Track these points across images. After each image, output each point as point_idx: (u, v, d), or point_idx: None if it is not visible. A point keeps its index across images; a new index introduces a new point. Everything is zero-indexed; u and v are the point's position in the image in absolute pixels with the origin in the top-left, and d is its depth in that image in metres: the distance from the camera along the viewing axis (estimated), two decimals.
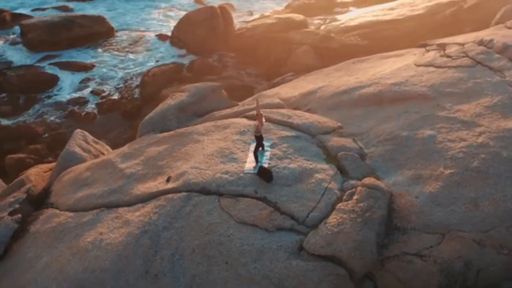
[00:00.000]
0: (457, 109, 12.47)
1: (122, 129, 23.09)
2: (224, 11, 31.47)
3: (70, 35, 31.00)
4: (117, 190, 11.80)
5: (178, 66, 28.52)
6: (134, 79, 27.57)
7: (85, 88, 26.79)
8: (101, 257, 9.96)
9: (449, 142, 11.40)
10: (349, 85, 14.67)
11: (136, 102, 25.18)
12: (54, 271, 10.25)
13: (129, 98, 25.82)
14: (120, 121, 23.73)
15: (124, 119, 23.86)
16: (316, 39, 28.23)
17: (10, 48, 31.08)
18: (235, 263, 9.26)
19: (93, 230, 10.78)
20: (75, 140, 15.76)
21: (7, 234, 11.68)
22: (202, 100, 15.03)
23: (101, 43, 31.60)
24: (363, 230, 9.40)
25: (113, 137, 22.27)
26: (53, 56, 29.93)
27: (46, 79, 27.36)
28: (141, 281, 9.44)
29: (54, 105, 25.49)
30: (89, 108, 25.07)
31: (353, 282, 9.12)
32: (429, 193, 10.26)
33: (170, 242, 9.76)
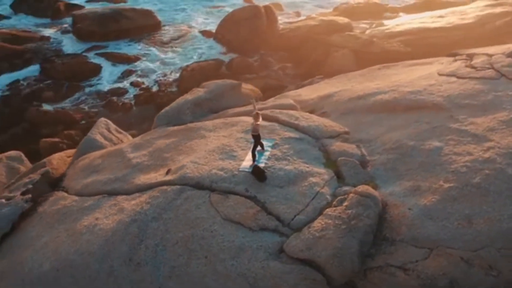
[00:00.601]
0: (470, 121, 12.00)
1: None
2: (269, 11, 31.59)
3: (118, 27, 32.05)
4: (120, 178, 12.14)
5: (218, 63, 28.88)
6: (173, 73, 28.15)
7: (126, 79, 27.61)
8: (92, 241, 10.29)
9: (455, 155, 11.00)
10: (366, 90, 14.41)
11: (172, 96, 25.66)
12: (49, 251, 10.67)
13: (166, 92, 26.39)
14: (155, 113, 24.16)
15: (158, 111, 24.35)
16: (357, 43, 27.87)
17: (61, 36, 32.48)
18: (214, 258, 9.34)
19: (91, 215, 11.14)
20: (98, 128, 16.30)
21: (15, 212, 12.24)
22: (220, 97, 15.19)
23: (147, 36, 32.44)
24: (346, 237, 9.23)
25: (145, 127, 22.82)
26: (100, 46, 31.06)
27: (90, 68, 28.43)
28: (124, 267, 9.69)
29: (95, 94, 26.44)
30: (126, 99, 25.82)
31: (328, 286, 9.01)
32: (423, 206, 9.95)
33: (156, 233, 9.96)
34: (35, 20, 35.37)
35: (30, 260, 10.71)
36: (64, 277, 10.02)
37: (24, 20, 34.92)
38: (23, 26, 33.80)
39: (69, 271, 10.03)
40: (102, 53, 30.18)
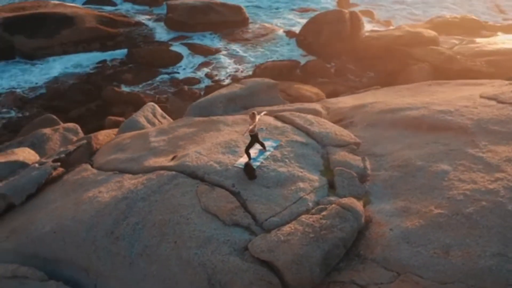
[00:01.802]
0: (490, 149, 11.16)
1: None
2: (354, 17, 31.11)
3: (206, 20, 33.29)
4: (135, 159, 12.81)
5: (294, 64, 29.02)
6: (247, 70, 28.73)
7: (202, 70, 28.65)
8: (87, 211, 11.03)
9: (458, 182, 10.33)
10: (399, 105, 13.87)
11: None
12: (55, 215, 11.58)
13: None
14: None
15: None
16: (438, 58, 26.66)
17: (153, 24, 34.39)
18: (182, 245, 9.63)
19: (97, 188, 11.91)
20: (144, 111, 17.23)
21: (42, 177, 13.35)
22: (255, 94, 15.40)
23: (232, 31, 33.33)
24: (310, 246, 9.08)
25: None
26: (186, 37, 32.50)
27: (171, 56, 29.87)
28: (105, 239, 10.29)
29: (170, 81, 27.78)
30: (197, 89, 26.84)
31: None
32: (405, 228, 9.49)
33: (140, 212, 10.46)
34: (137, 7, 37.73)
35: (38, 221, 11.68)
36: (57, 240, 10.85)
37: (127, 6, 37.38)
38: (123, 11, 36.20)
39: (61, 235, 10.83)
40: (186, 43, 31.55)
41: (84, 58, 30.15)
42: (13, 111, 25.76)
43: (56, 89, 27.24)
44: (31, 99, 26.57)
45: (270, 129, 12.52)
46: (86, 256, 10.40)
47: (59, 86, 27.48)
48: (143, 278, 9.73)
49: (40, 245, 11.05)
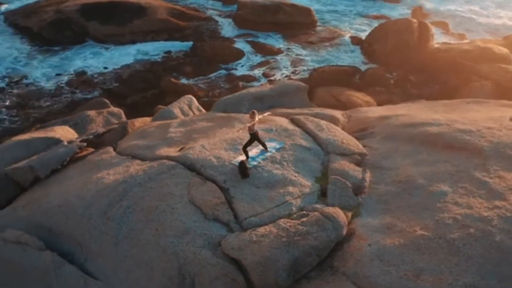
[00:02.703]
0: (499, 175, 10.49)
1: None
2: (424, 28, 29.98)
3: (273, 19, 33.50)
4: (150, 146, 13.27)
5: (353, 71, 28.51)
6: (304, 72, 28.63)
7: (260, 69, 28.90)
8: (90, 190, 11.63)
9: (453, 205, 9.82)
10: (423, 119, 13.31)
11: None
12: (66, 191, 12.29)
13: None
14: None
15: None
16: (504, 76, 25.20)
17: (222, 20, 35.09)
18: (162, 232, 9.93)
19: (108, 170, 12.47)
20: (180, 102, 17.77)
21: (67, 154, 14.15)
22: (283, 96, 15.41)
23: (298, 33, 33.25)
24: (279, 250, 9.05)
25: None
26: (251, 35, 32.88)
27: (233, 53, 30.38)
28: (98, 218, 10.81)
29: (226, 76, 28.31)
30: (252, 87, 27.11)
31: None
32: (382, 246, 9.18)
33: (134, 197, 10.86)
34: (212, 2, 38.65)
35: (51, 194, 12.45)
36: (60, 214, 11.53)
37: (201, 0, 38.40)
38: (197, 5, 37.22)
39: (65, 210, 11.50)
40: (250, 41, 31.95)
41: (151, 47, 31.40)
42: (78, 91, 27.37)
43: (120, 74, 28.64)
44: (96, 82, 28.10)
45: (279, 131, 12.52)
46: (81, 232, 10.99)
47: (123, 72, 28.85)
48: (123, 259, 10.15)
49: (46, 217, 11.79)
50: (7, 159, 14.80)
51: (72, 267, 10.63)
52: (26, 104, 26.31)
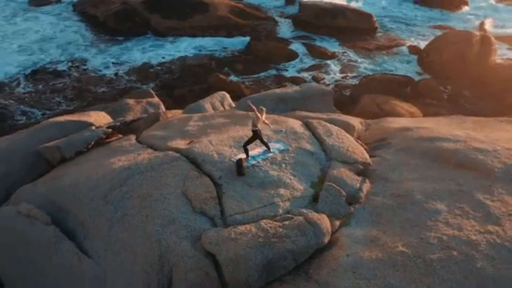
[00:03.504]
0: (502, 199, 9.96)
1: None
2: (486, 41, 28.59)
3: (332, 23, 33.19)
4: (165, 138, 13.63)
5: (405, 80, 27.70)
6: (355, 78, 28.17)
7: (310, 72, 28.75)
8: (98, 173, 12.15)
9: (443, 225, 9.45)
10: (442, 134, 12.81)
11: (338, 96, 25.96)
12: (80, 172, 12.87)
13: (337, 92, 26.73)
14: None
15: None
16: None
17: (282, 20, 35.16)
18: (150, 220, 10.23)
19: (121, 156, 12.92)
20: (212, 98, 18.12)
21: (92, 138, 14.78)
22: (308, 99, 15.32)
23: (356, 38, 32.71)
24: (253, 249, 9.08)
25: None
26: (308, 37, 32.77)
27: (286, 53, 30.42)
28: (99, 201, 11.27)
29: (275, 77, 28.40)
30: None
31: None
32: (359, 258, 9.00)
33: (133, 183, 11.25)
34: (275, 3, 38.80)
35: (68, 174, 13.13)
36: (69, 193, 12.14)
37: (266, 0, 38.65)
38: (259, 4, 37.50)
39: (73, 190, 12.09)
40: (306, 43, 31.81)
41: (208, 43, 32.04)
42: (134, 81, 28.46)
43: (174, 67, 29.49)
44: (151, 73, 29.08)
45: (288, 133, 12.49)
46: (83, 212, 11.52)
47: (178, 65, 29.68)
48: (114, 241, 10.55)
49: (59, 194, 12.43)
50: (41, 138, 15.69)
51: (70, 243, 11.17)
52: (83, 88, 27.66)
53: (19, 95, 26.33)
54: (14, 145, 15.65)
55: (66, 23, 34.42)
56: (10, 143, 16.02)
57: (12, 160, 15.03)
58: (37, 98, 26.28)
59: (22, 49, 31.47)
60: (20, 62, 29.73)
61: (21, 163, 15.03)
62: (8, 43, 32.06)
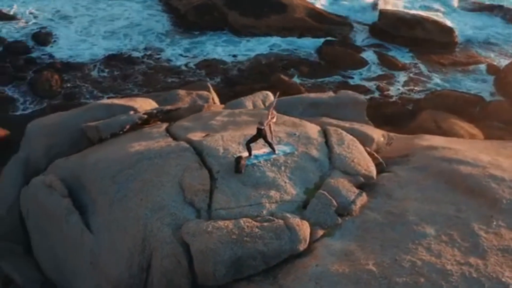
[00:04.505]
0: (498, 232, 9.35)
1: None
2: None
3: (409, 34, 32.00)
4: (188, 129, 14.00)
5: (475, 100, 26.13)
6: (422, 93, 27.11)
7: (376, 82, 28.04)
8: (116, 154, 12.82)
9: (424, 249, 9.06)
10: (465, 157, 12.10)
11: (398, 109, 25.28)
12: (106, 152, 13.59)
13: (398, 105, 25.94)
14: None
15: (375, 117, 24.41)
16: None
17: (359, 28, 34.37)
18: (143, 203, 10.71)
19: (142, 142, 13.40)
20: (255, 96, 18.32)
21: (126, 122, 15.41)
22: (341, 106, 15.06)
23: (432, 52, 31.29)
24: (224, 245, 9.26)
25: None
26: (382, 46, 31.87)
27: (356, 61, 29.84)
28: (107, 180, 11.91)
29: (339, 83, 27.97)
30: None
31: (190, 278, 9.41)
32: (326, 269, 8.89)
33: (139, 168, 11.76)
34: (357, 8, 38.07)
35: (95, 153, 13.94)
36: (90, 170, 12.92)
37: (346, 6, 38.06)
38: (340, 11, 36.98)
39: (93, 168, 12.87)
40: (378, 52, 30.96)
41: (280, 43, 32.16)
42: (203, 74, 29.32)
43: (242, 64, 29.99)
44: (220, 68, 29.77)
45: (300, 137, 12.41)
46: (95, 189, 12.25)
47: (246, 62, 30.12)
48: (112, 220, 11.17)
49: (82, 170, 13.25)
50: (87, 118, 16.69)
51: (78, 217, 11.91)
52: (154, 77, 28.91)
53: (93, 77, 28.04)
54: (64, 121, 16.79)
55: (150, 11, 36.01)
56: (61, 118, 17.22)
57: (58, 134, 16.15)
58: (109, 82, 27.86)
59: (108, 35, 33.37)
60: (104, 47, 31.58)
61: (66, 138, 16.09)
62: (96, 28, 34.13)
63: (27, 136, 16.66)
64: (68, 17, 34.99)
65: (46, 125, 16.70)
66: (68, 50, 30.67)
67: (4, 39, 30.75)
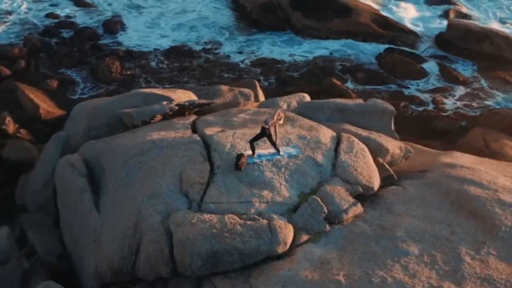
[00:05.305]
0: (486, 260, 8.92)
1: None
2: None
3: (476, 47, 30.44)
4: (210, 123, 14.23)
5: None
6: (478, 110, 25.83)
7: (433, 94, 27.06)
8: (134, 141, 13.35)
9: (400, 267, 8.85)
10: (479, 179, 11.50)
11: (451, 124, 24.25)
12: (128, 139, 14.15)
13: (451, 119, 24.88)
14: (416, 128, 23.53)
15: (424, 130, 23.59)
16: None
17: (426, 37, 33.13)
18: (143, 189, 11.16)
19: (162, 132, 13.87)
20: (290, 97, 18.40)
21: (157, 112, 15.71)
22: (367, 114, 14.68)
23: (499, 68, 29.64)
24: (203, 238, 9.50)
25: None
26: (446, 58, 30.55)
27: (415, 71, 28.79)
28: (120, 164, 12.48)
29: (393, 92, 27.21)
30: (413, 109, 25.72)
31: (171, 266, 9.77)
32: (296, 275, 8.97)
33: (150, 156, 12.18)
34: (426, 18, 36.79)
35: (120, 139, 14.52)
36: (110, 153, 13.55)
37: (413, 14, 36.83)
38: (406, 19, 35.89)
39: (112, 152, 13.52)
40: (440, 64, 29.73)
41: (341, 47, 31.79)
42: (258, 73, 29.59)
43: (298, 65, 29.91)
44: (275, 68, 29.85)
45: (310, 141, 12.31)
46: (110, 172, 12.84)
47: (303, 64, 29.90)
48: (116, 203, 11.73)
49: (105, 153, 13.91)
50: (125, 104, 17.42)
51: (90, 196, 12.57)
52: (210, 71, 29.49)
53: (152, 67, 28.99)
54: (104, 105, 17.68)
55: (217, 5, 36.79)
56: (103, 103, 18.17)
57: (97, 118, 17.00)
58: (166, 73, 28.72)
59: (175, 27, 34.42)
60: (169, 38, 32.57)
61: (104, 121, 16.90)
62: (164, 19, 35.29)
63: (71, 117, 17.72)
64: (139, 7, 36.32)
65: (88, 108, 17.63)
66: (134, 40, 31.81)
67: (76, 25, 32.41)
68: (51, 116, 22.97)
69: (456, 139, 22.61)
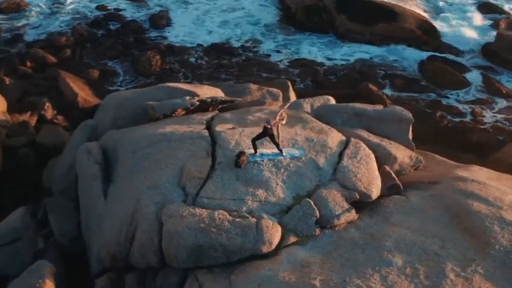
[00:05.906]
0: (470, 278, 8.67)
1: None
2: None
3: None
4: (225, 120, 14.38)
5: None
6: None
7: (472, 105, 26.21)
8: (146, 132, 13.68)
9: (380, 277, 8.78)
10: (487, 195, 11.08)
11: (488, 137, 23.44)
12: (143, 130, 14.49)
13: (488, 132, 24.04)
14: (449, 139, 22.85)
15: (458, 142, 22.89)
16: None
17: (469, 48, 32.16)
18: (144, 181, 11.46)
19: (176, 125, 14.10)
20: (315, 99, 18.17)
21: (178, 106, 15.81)
22: (384, 121, 14.39)
23: None
24: (190, 231, 9.69)
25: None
26: (491, 68, 29.43)
27: (456, 81, 27.94)
28: (129, 154, 12.84)
29: (430, 101, 26.49)
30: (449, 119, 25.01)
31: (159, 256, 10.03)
32: (274, 276, 8.96)
33: (157, 148, 12.48)
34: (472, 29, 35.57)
35: (137, 130, 14.87)
36: (124, 143, 13.88)
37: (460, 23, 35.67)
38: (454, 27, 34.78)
39: (126, 142, 13.83)
40: (484, 75, 28.71)
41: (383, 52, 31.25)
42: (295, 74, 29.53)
43: (336, 69, 29.69)
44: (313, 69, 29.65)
45: (316, 144, 12.26)
46: (120, 161, 13.24)
47: (341, 67, 29.74)
48: (120, 190, 12.16)
49: (120, 143, 14.28)
50: (151, 96, 17.85)
51: (99, 182, 12.99)
52: (248, 69, 29.69)
53: (191, 63, 29.52)
54: (132, 97, 18.18)
55: (264, 3, 36.87)
56: (131, 94, 18.71)
57: (124, 108, 17.49)
58: (204, 69, 29.14)
59: (221, 24, 34.84)
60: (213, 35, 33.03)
61: (130, 112, 17.35)
62: (210, 16, 35.77)
63: (102, 106, 18.36)
64: (188, 3, 36.93)
65: (117, 98, 18.19)
66: (179, 35, 32.41)
67: (124, 18, 33.35)
68: (88, 105, 23.68)
69: (490, 153, 21.85)
